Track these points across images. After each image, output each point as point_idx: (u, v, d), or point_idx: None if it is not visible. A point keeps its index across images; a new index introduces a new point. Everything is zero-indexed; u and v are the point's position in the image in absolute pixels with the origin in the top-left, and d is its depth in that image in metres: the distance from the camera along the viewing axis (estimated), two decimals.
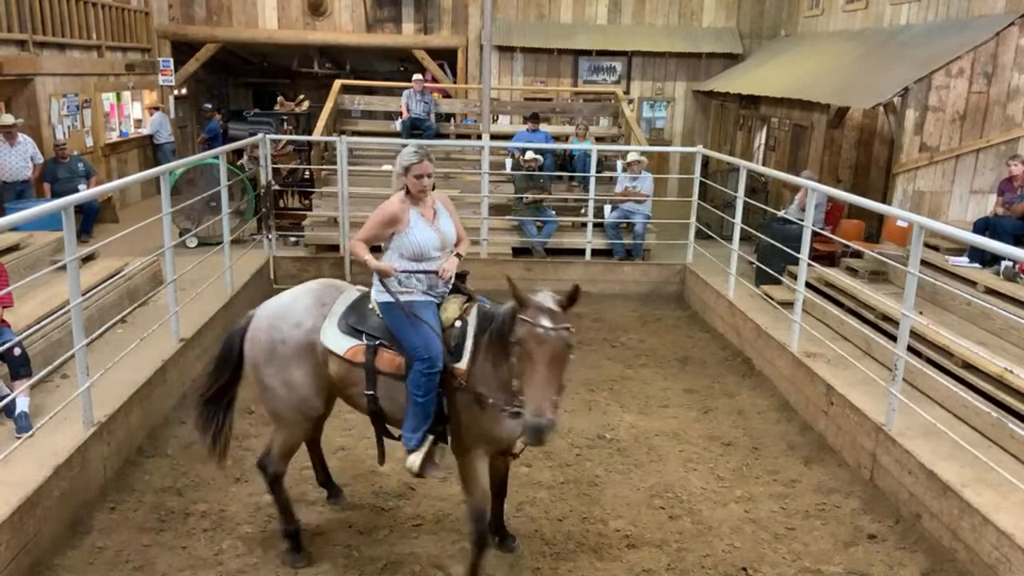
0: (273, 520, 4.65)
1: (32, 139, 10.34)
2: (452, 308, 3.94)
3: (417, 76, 12.40)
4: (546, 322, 3.33)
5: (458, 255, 4.06)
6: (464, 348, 3.81)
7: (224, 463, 4.47)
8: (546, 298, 3.41)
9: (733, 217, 8.24)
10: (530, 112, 11.79)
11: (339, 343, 3.98)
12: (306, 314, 4.06)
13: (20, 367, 4.91)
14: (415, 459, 3.90)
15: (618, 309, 9.01)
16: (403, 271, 3.93)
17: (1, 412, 4.82)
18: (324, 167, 10.91)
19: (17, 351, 4.88)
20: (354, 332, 3.97)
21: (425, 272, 3.97)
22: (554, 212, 10.25)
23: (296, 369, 4.03)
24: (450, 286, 4.06)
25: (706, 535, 4.65)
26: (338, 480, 5.08)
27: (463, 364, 3.78)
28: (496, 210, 10.18)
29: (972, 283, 7.01)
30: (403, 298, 3.90)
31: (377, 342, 3.93)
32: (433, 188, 4.05)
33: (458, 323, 3.88)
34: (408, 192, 3.97)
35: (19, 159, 9.99)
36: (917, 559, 4.48)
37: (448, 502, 4.86)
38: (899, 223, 8.40)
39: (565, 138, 12.31)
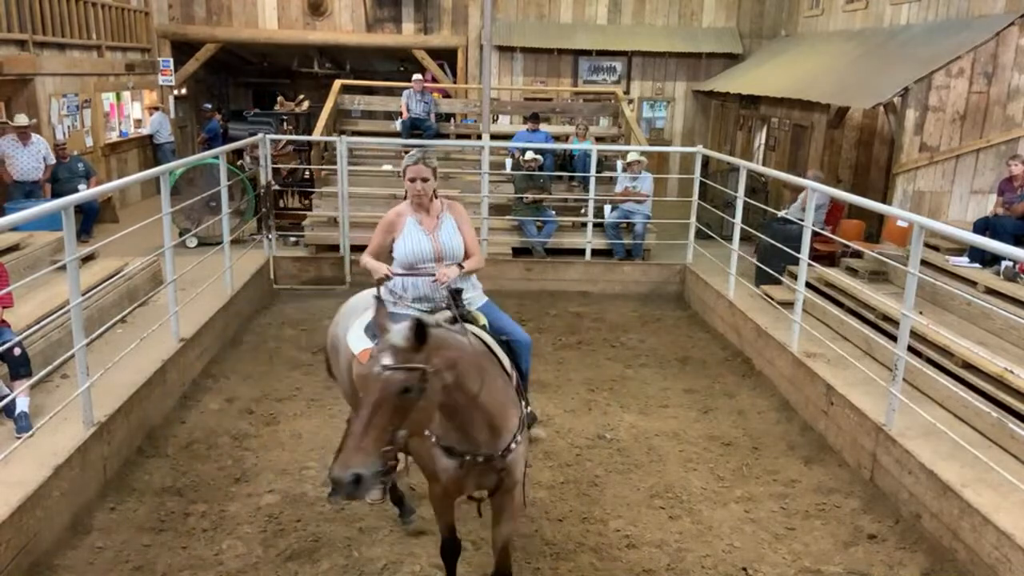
0: (272, 521, 4.65)
1: (45, 140, 10.35)
2: None
3: (417, 76, 12.39)
4: (383, 358, 2.79)
5: (460, 266, 3.83)
6: None
7: None
8: (398, 333, 2.84)
9: (733, 217, 8.24)
10: (530, 112, 11.79)
11: (358, 344, 3.87)
12: (354, 315, 4.06)
13: (20, 367, 4.91)
14: None
15: (618, 309, 9.01)
16: (398, 274, 3.81)
17: (1, 412, 4.82)
18: (324, 167, 10.91)
19: (17, 351, 4.88)
20: (374, 336, 3.74)
21: (418, 276, 3.79)
22: (554, 212, 10.25)
23: (342, 365, 4.13)
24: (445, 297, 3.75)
25: (706, 535, 4.65)
26: None
27: None
28: (496, 210, 10.18)
29: (972, 283, 7.01)
30: (391, 309, 3.71)
31: None
32: (435, 196, 3.88)
33: None
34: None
35: (32, 159, 10.04)
36: (917, 559, 4.47)
37: None
38: (899, 223, 8.40)
39: (565, 138, 12.30)
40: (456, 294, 3.69)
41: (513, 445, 3.45)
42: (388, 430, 2.73)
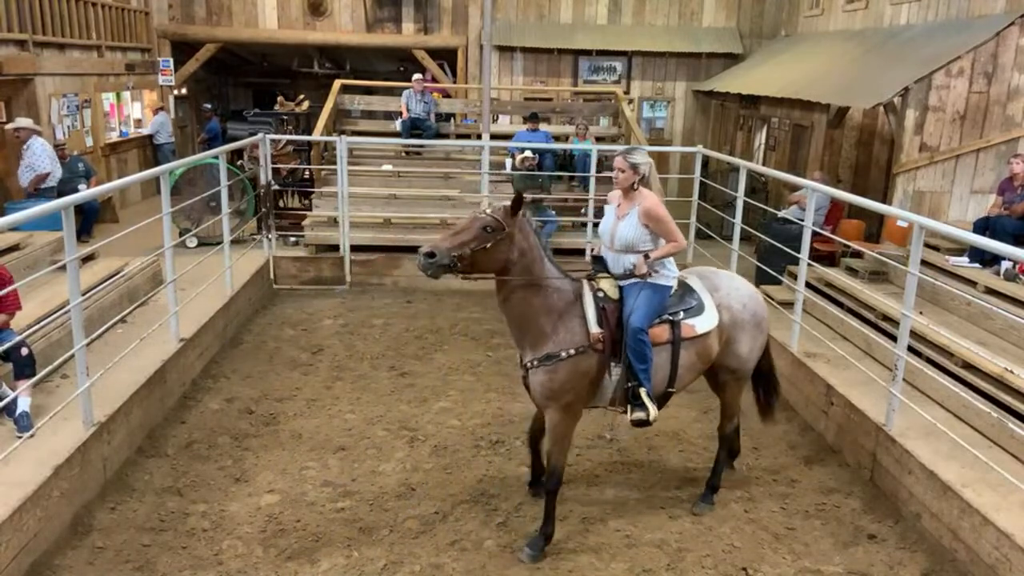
0: (272, 521, 4.65)
1: (44, 146, 9.89)
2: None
3: (417, 76, 12.38)
4: (488, 206, 4.17)
5: (646, 256, 4.35)
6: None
7: None
8: (508, 203, 4.12)
9: (733, 217, 8.24)
10: (530, 112, 11.79)
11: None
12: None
13: (25, 367, 4.90)
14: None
15: None
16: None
17: (2, 412, 4.82)
18: (324, 167, 10.91)
19: (24, 351, 4.88)
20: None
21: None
22: (554, 212, 10.25)
23: None
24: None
25: (706, 535, 4.65)
26: (338, 480, 5.09)
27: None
28: None
29: (972, 283, 7.01)
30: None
31: None
32: (635, 188, 4.39)
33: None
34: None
35: (22, 165, 9.80)
36: (917, 559, 4.48)
37: (447, 503, 4.86)
38: (899, 223, 8.40)
39: (565, 138, 12.31)
40: (597, 260, 4.58)
41: (530, 365, 4.25)
42: (464, 244, 3.99)
